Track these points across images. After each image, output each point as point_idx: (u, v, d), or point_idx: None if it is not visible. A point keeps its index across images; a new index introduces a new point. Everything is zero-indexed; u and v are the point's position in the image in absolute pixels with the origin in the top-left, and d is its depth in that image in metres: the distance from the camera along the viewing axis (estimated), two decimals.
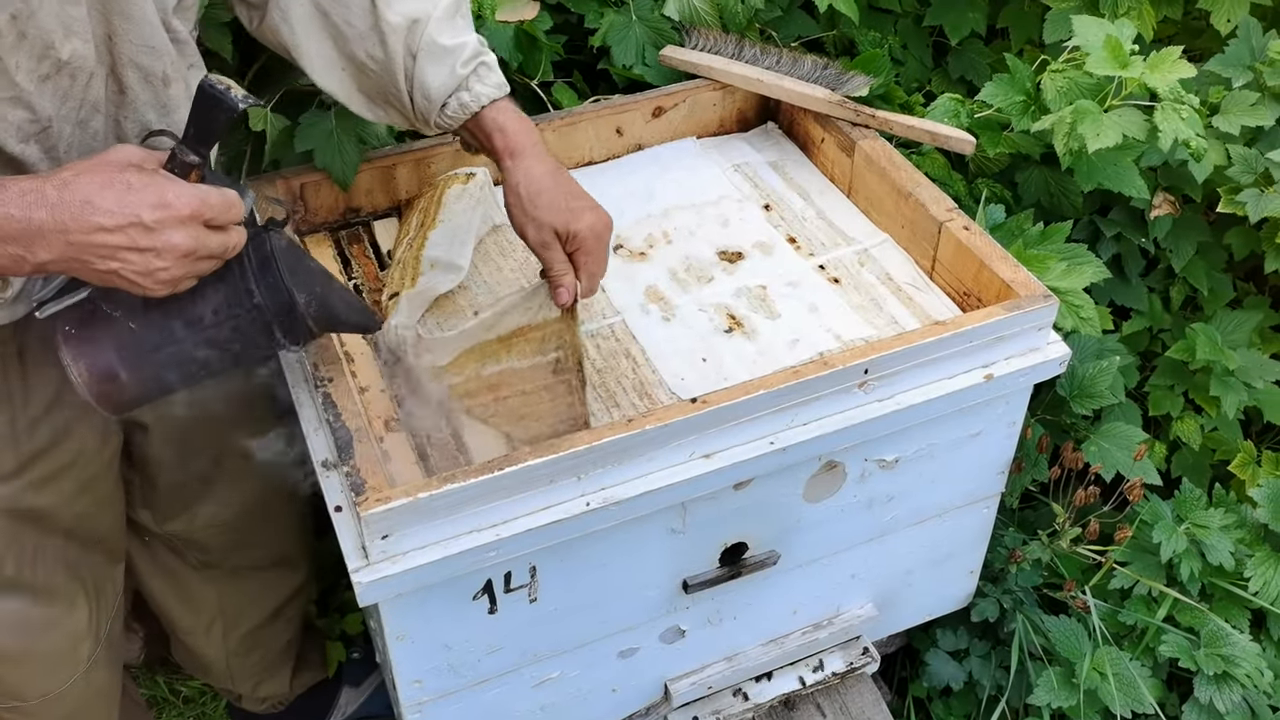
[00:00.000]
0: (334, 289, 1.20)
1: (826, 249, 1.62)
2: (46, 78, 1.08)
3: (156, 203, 1.00)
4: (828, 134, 1.73)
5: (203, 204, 1.03)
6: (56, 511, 1.39)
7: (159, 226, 1.00)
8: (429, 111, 1.31)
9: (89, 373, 1.11)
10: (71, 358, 1.10)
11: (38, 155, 1.11)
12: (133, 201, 1.00)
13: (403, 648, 1.27)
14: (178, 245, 1.02)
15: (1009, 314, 1.36)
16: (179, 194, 1.02)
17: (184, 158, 1.07)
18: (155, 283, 1.03)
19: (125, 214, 0.99)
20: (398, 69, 1.29)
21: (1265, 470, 1.94)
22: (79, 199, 0.98)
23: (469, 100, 1.30)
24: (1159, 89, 1.64)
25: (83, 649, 1.53)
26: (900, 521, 1.54)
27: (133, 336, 1.11)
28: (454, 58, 1.29)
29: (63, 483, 1.37)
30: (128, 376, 1.12)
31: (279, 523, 1.77)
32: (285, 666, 1.94)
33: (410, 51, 1.28)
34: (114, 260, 1.01)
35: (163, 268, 1.02)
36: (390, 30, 1.27)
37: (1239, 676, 1.69)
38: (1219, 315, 2.06)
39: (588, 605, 1.37)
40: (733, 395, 1.25)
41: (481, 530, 1.19)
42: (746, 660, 1.57)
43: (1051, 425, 1.88)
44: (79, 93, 1.12)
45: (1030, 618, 1.81)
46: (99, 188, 0.99)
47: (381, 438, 1.34)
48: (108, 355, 1.11)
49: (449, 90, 1.29)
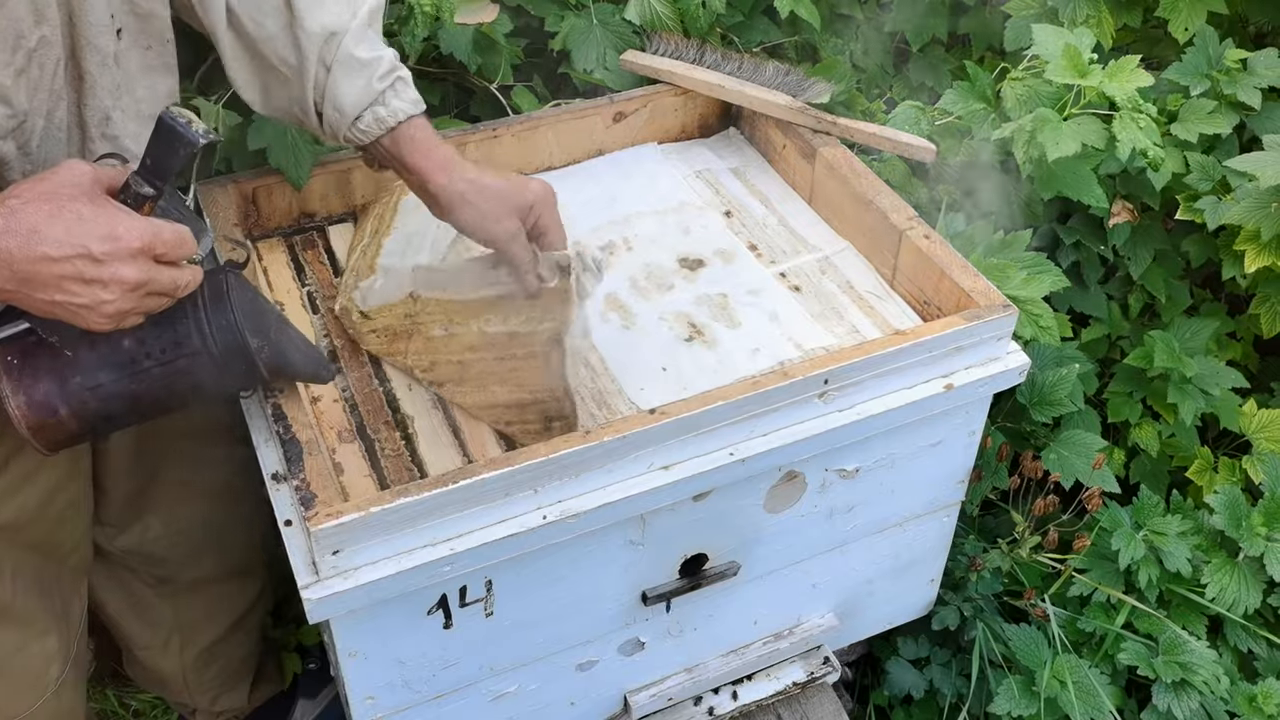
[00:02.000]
0: (289, 335, 1.18)
1: (788, 257, 1.61)
2: (21, 70, 1.06)
3: (106, 234, 0.98)
4: (789, 141, 1.72)
5: (154, 238, 1.01)
6: (24, 525, 1.36)
7: (107, 259, 0.98)
8: (338, 125, 1.27)
9: (27, 407, 1.07)
10: (10, 390, 1.07)
11: (13, 151, 1.09)
12: (81, 232, 0.97)
13: (355, 664, 1.25)
14: (126, 279, 0.99)
15: (968, 324, 1.36)
16: (129, 227, 0.99)
17: (138, 189, 1.03)
18: (100, 316, 1.01)
19: (73, 244, 0.97)
20: (308, 80, 1.25)
21: (1222, 476, 1.96)
22: (26, 227, 0.96)
23: (385, 115, 1.25)
24: (1117, 97, 1.64)
25: (52, 670, 1.50)
26: (861, 531, 1.54)
27: (75, 371, 1.07)
28: (370, 71, 1.24)
29: (28, 492, 1.34)
30: (67, 412, 1.08)
31: (234, 532, 1.74)
32: (244, 679, 1.91)
33: (324, 64, 1.24)
34: (58, 291, 0.98)
35: (108, 300, 0.99)
36: (307, 38, 1.23)
37: (1196, 683, 1.70)
38: (1177, 322, 2.08)
39: (545, 619, 1.35)
40: (692, 406, 1.24)
41: (436, 544, 1.16)
42: (707, 671, 1.56)
43: (1011, 433, 1.88)
44: (46, 82, 1.09)
45: (991, 626, 1.81)
46: (47, 217, 0.97)
47: (334, 449, 1.31)
48: (48, 389, 1.07)
49: (364, 105, 1.25)
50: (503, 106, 1.79)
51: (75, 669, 1.56)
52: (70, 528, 1.46)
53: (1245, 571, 1.79)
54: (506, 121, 1.70)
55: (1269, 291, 1.97)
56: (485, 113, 1.85)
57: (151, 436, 1.48)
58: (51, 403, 1.07)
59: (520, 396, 1.35)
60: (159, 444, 1.51)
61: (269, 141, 1.53)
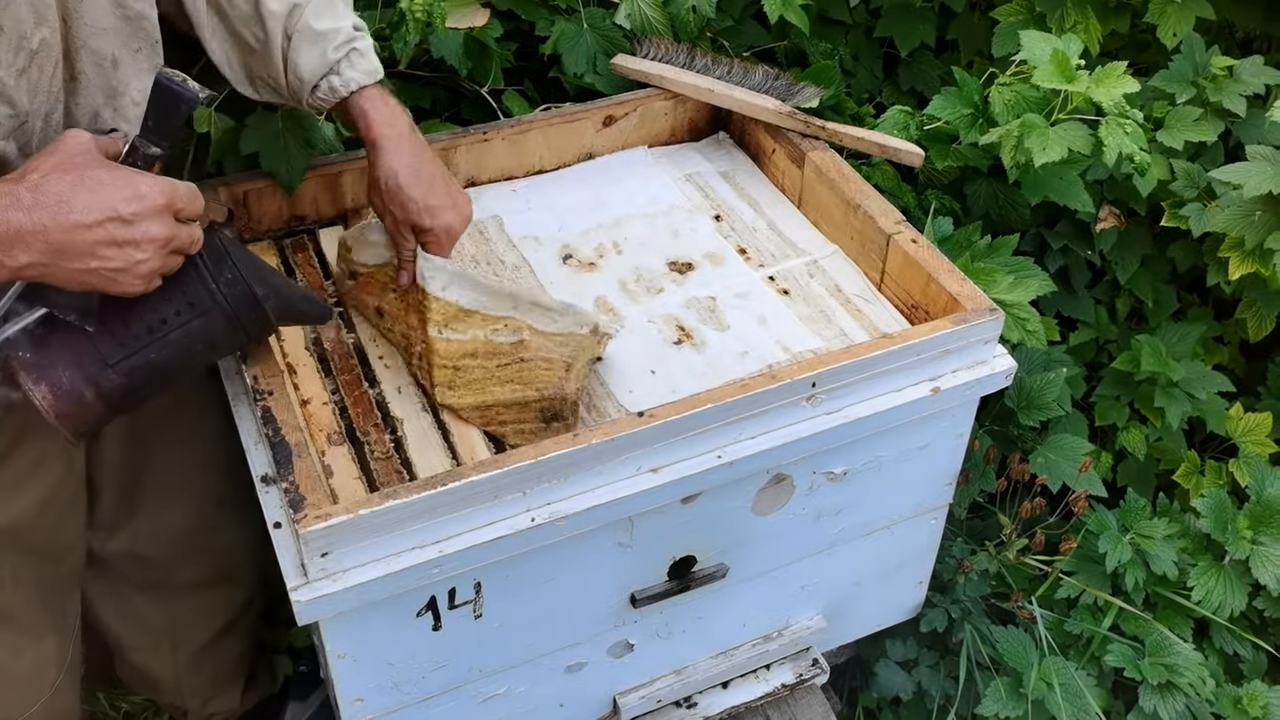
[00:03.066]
0: (286, 281, 1.22)
1: (776, 260, 1.62)
2: (23, 71, 1.07)
3: (131, 195, 1.00)
4: (778, 145, 1.73)
5: (174, 194, 1.03)
6: (25, 528, 1.36)
7: (136, 219, 1.00)
8: (300, 93, 1.33)
9: (53, 395, 1.08)
10: (32, 382, 1.08)
11: (14, 152, 1.10)
12: (107, 196, 0.99)
13: (344, 666, 1.25)
14: (156, 236, 1.02)
15: (956, 327, 1.37)
16: (151, 185, 1.02)
17: (145, 150, 1.07)
18: (134, 277, 1.03)
19: (101, 209, 0.99)
20: (275, 50, 1.30)
21: (1208, 480, 1.97)
22: (53, 198, 0.98)
23: (338, 85, 1.31)
24: (1104, 103, 1.66)
25: (48, 675, 1.50)
26: (849, 533, 1.54)
27: (92, 350, 1.09)
28: (326, 42, 1.30)
29: (27, 490, 1.34)
30: (92, 394, 1.10)
31: (225, 534, 1.73)
32: (236, 682, 1.90)
33: (286, 34, 1.30)
34: (93, 258, 1.00)
35: (142, 259, 1.02)
36: (269, 15, 1.29)
37: (1182, 685, 1.71)
38: (1163, 327, 2.09)
39: (534, 621, 1.35)
40: (680, 409, 1.24)
41: (425, 547, 1.17)
42: (696, 673, 1.57)
43: (999, 436, 1.89)
44: (45, 84, 1.11)
45: (978, 627, 1.82)
46: (71, 186, 0.99)
47: (323, 452, 1.31)
48: (69, 374, 1.09)
49: (319, 74, 1.31)
50: (493, 110, 1.79)
51: (71, 672, 1.56)
52: (67, 529, 1.45)
53: (1231, 575, 1.80)
54: (497, 125, 1.71)
55: (1254, 296, 1.98)
56: (476, 116, 1.85)
57: (140, 438, 1.48)
58: (76, 387, 1.09)
59: (525, 394, 1.35)
60: (147, 445, 1.51)
61: (260, 146, 1.53)
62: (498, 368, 1.36)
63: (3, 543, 1.35)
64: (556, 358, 1.36)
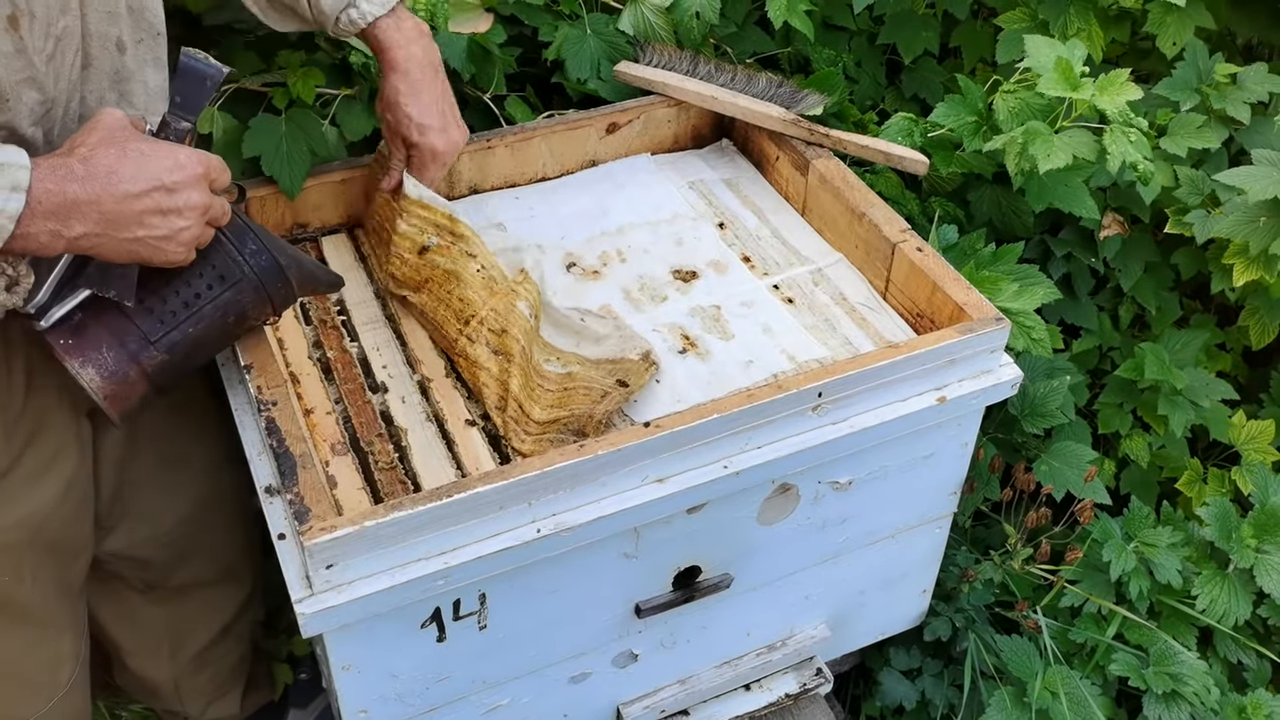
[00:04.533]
0: (297, 251, 1.27)
1: (781, 268, 1.62)
2: (51, 56, 1.10)
3: (173, 165, 1.06)
4: (782, 152, 1.73)
5: (210, 164, 1.09)
6: (43, 523, 1.36)
7: (179, 187, 1.06)
8: (326, 24, 1.39)
9: (99, 377, 1.13)
10: (78, 365, 1.12)
11: (41, 138, 1.13)
12: (151, 167, 1.05)
13: (348, 678, 1.24)
14: (197, 203, 1.07)
15: (962, 337, 1.36)
16: (189, 155, 1.08)
17: (177, 125, 1.12)
18: (178, 245, 1.08)
19: (148, 179, 1.04)
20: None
21: (1211, 488, 1.97)
22: (104, 170, 1.02)
23: (356, 17, 1.37)
24: (1108, 111, 1.65)
25: (64, 672, 1.51)
26: (853, 543, 1.54)
27: (133, 329, 1.14)
28: None
29: (47, 482, 1.34)
30: (136, 372, 1.14)
31: (221, 533, 1.73)
32: (236, 686, 1.90)
33: None
34: (140, 227, 1.05)
35: (185, 226, 1.07)
36: None
37: (1187, 694, 1.71)
38: (1167, 334, 2.09)
39: (539, 631, 1.35)
40: (686, 419, 1.24)
41: (430, 558, 1.16)
42: (700, 683, 1.56)
43: (1003, 443, 1.89)
44: (67, 70, 1.13)
45: (982, 636, 1.82)
46: (117, 158, 1.03)
47: (327, 462, 1.31)
48: (113, 354, 1.13)
49: (339, 7, 1.37)
50: (496, 116, 1.79)
51: (83, 670, 1.57)
52: (82, 524, 1.46)
53: (1235, 583, 1.80)
54: (500, 132, 1.70)
55: (1258, 304, 1.98)
56: (478, 122, 1.84)
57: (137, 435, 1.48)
58: (121, 366, 1.13)
59: (558, 415, 1.36)
60: (143, 443, 1.50)
61: (263, 150, 1.52)
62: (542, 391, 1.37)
63: (24, 536, 1.35)
64: (597, 386, 1.37)
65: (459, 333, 1.40)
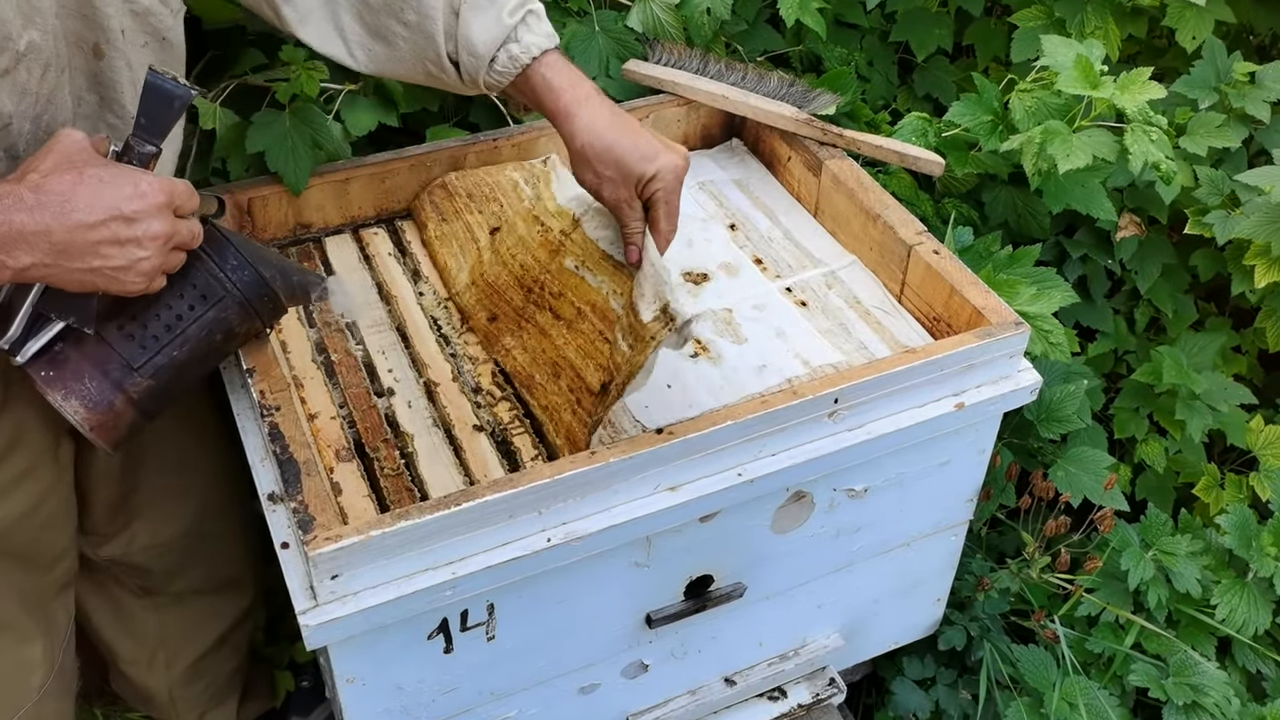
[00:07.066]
0: (279, 257, 1.24)
1: (793, 271, 1.58)
2: (6, 72, 1.04)
3: (132, 193, 1.00)
4: (794, 152, 1.69)
5: (173, 191, 1.03)
6: (8, 533, 1.33)
7: (138, 217, 1.00)
8: (477, 70, 1.23)
9: (84, 408, 1.09)
10: (61, 398, 1.09)
11: (1, 157, 1.08)
12: (109, 195, 0.99)
13: (353, 690, 1.21)
14: (157, 233, 1.02)
15: (981, 342, 1.33)
16: (150, 183, 1.02)
17: (141, 149, 1.06)
18: (136, 275, 1.02)
19: (104, 208, 0.98)
20: (436, 30, 1.22)
21: (1229, 494, 1.93)
22: (56, 199, 0.97)
23: (519, 52, 1.21)
24: (1128, 110, 1.62)
25: (35, 679, 1.47)
26: (868, 551, 1.51)
27: (115, 357, 1.10)
28: (499, 7, 1.21)
29: (15, 497, 1.31)
30: (122, 400, 1.10)
31: (222, 542, 1.70)
32: (232, 696, 1.87)
33: (453, 8, 1.22)
34: (95, 257, 0.99)
35: (144, 257, 1.01)
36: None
37: (1208, 705, 1.68)
38: (1183, 337, 2.06)
39: (548, 642, 1.31)
40: (700, 426, 1.21)
41: (437, 568, 1.13)
42: (711, 694, 1.53)
43: (1018, 449, 1.85)
44: (34, 86, 1.08)
45: (998, 646, 1.79)
46: (72, 185, 0.98)
47: (332, 468, 1.28)
48: (95, 384, 1.09)
49: (497, 43, 1.21)
50: (502, 115, 1.76)
51: (61, 679, 1.53)
52: (54, 536, 1.42)
53: (1255, 592, 1.77)
54: (506, 132, 1.67)
55: (1276, 305, 1.95)
56: (484, 120, 1.82)
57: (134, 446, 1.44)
58: (105, 396, 1.10)
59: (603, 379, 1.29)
60: (142, 453, 1.48)
61: (267, 145, 1.50)
62: (597, 332, 1.33)
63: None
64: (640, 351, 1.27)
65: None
